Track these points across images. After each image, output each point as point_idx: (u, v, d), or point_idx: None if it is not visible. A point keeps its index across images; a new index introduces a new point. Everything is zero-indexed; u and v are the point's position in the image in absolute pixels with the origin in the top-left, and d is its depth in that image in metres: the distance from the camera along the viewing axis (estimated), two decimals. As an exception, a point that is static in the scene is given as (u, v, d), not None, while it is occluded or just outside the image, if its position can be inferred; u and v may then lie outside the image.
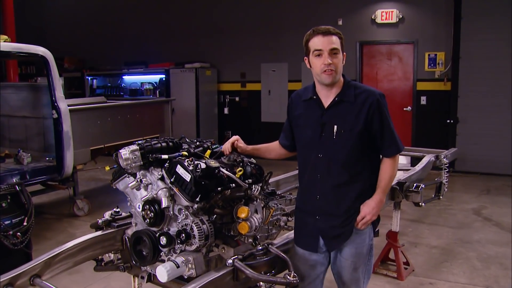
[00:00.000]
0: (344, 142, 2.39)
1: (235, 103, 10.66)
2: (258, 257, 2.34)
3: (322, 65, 2.33)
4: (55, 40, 12.04)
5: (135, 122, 7.00)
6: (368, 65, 9.27)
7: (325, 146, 2.43)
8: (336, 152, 2.41)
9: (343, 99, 2.41)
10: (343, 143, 2.39)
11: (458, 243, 5.08)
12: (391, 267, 4.36)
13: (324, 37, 2.33)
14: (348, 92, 2.42)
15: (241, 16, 10.29)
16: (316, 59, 2.36)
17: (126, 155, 2.38)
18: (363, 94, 2.40)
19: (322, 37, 2.33)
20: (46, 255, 2.53)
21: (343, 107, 2.41)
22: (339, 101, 2.42)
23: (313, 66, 2.39)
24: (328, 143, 2.42)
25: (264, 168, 2.58)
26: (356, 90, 2.42)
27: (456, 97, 8.33)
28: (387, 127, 2.41)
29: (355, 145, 2.39)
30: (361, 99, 2.39)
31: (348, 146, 2.39)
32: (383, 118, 2.40)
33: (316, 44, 2.34)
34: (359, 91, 2.42)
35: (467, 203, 6.62)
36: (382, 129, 2.40)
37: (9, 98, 6.28)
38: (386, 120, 2.41)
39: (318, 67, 2.35)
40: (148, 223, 2.37)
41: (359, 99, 2.39)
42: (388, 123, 2.42)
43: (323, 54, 2.32)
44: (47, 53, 5.41)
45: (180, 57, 10.56)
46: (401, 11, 8.73)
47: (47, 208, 6.62)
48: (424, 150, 5.43)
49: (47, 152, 5.87)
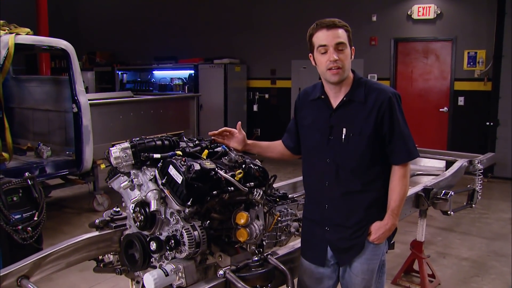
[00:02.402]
0: (354, 147, 2.16)
1: (264, 100, 10.49)
2: (253, 268, 2.13)
3: (327, 62, 2.11)
4: (87, 35, 12.26)
5: (158, 118, 6.93)
6: (403, 63, 8.88)
7: (333, 151, 2.21)
8: (345, 157, 2.19)
9: (352, 99, 2.18)
10: (353, 148, 2.17)
11: (492, 256, 4.71)
12: (415, 279, 4.07)
13: (328, 31, 2.10)
14: (358, 91, 2.19)
15: (272, 11, 10.10)
16: (320, 55, 2.13)
17: (116, 153, 2.23)
18: (374, 92, 2.16)
19: (326, 31, 2.10)
20: (35, 256, 2.43)
21: (353, 107, 2.18)
22: (348, 101, 2.19)
23: (318, 63, 2.17)
24: (337, 148, 2.20)
25: (271, 170, 2.38)
26: (367, 89, 2.18)
27: (497, 98, 7.83)
28: (398, 129, 2.16)
29: (365, 151, 2.16)
30: (372, 98, 2.15)
31: (358, 151, 2.16)
32: (394, 119, 2.14)
33: (320, 39, 2.12)
34: (370, 90, 2.18)
35: (504, 212, 6.17)
36: (391, 132, 2.15)
37: (33, 91, 6.32)
38: (397, 121, 2.15)
39: (323, 64, 2.13)
40: (139, 226, 2.22)
41: (370, 98, 2.16)
42: (399, 125, 2.16)
43: (328, 49, 2.10)
44: (69, 47, 5.36)
45: (210, 52, 10.49)
46: (439, 7, 8.30)
47: (68, 202, 6.64)
48: (458, 154, 5.09)
49: (68, 146, 5.85)
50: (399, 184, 2.20)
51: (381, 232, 2.20)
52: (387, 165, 2.24)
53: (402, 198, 2.21)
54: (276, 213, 2.43)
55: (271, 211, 2.42)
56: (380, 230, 2.20)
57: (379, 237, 2.20)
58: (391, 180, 2.22)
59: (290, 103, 10.03)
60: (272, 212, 2.42)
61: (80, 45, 5.66)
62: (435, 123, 8.39)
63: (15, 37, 4.92)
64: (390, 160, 2.22)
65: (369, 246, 2.23)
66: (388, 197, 2.22)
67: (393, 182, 2.21)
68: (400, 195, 2.20)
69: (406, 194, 2.25)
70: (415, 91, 8.57)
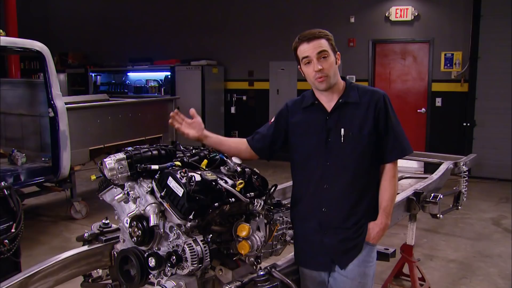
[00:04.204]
0: (353, 146, 2.22)
1: (242, 102, 10.40)
2: (259, 283, 2.04)
3: (313, 73, 2.19)
4: (59, 35, 11.89)
5: (137, 121, 6.76)
6: (381, 64, 8.95)
7: (332, 153, 2.24)
8: (345, 158, 2.23)
9: (347, 101, 2.25)
10: (352, 147, 2.22)
11: (478, 256, 4.75)
12: (405, 282, 4.05)
13: (309, 43, 2.19)
14: (352, 93, 2.27)
15: (250, 12, 10.02)
16: (306, 67, 2.23)
17: (111, 165, 2.10)
18: (367, 93, 2.27)
19: (307, 44, 2.19)
20: (21, 275, 2.26)
21: (349, 108, 2.25)
22: (343, 103, 2.25)
23: (306, 74, 2.26)
24: (336, 150, 2.23)
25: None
26: (360, 91, 2.28)
27: (474, 99, 7.99)
28: (392, 126, 2.25)
29: (365, 149, 2.22)
30: (367, 98, 2.25)
31: (358, 149, 2.22)
32: (388, 117, 2.24)
33: (302, 52, 2.21)
34: (363, 92, 2.28)
35: (485, 212, 6.27)
36: (386, 129, 2.24)
37: (5, 95, 6.04)
38: (391, 119, 2.25)
39: (311, 74, 2.21)
40: (136, 241, 2.09)
41: (364, 99, 2.25)
42: (393, 123, 2.26)
43: (311, 60, 2.19)
44: (44, 49, 5.13)
45: (186, 54, 10.31)
46: (416, 8, 8.40)
47: (43, 210, 6.38)
48: (440, 156, 5.12)
49: (43, 152, 5.62)
50: (390, 184, 2.27)
51: (376, 232, 2.25)
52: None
53: (393, 198, 2.30)
54: (276, 224, 2.35)
55: (271, 221, 2.33)
56: (375, 229, 2.25)
57: (374, 236, 2.25)
58: (383, 180, 2.28)
59: (268, 105, 9.99)
60: (274, 223, 2.33)
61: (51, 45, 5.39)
62: (414, 124, 8.49)
63: (-13, 39, 4.69)
64: (383, 158, 2.27)
65: (366, 248, 2.26)
66: (379, 196, 2.28)
67: (384, 182, 2.28)
68: (392, 194, 2.28)
69: (396, 194, 2.35)
70: (394, 92, 8.64)
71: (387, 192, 2.27)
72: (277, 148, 2.46)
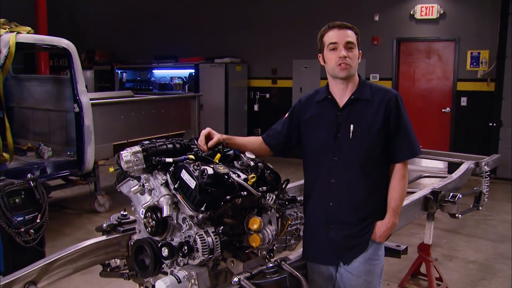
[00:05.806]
0: (361, 142, 2.23)
1: (265, 100, 10.43)
2: (268, 275, 2.08)
3: (337, 58, 2.21)
4: (86, 33, 12.15)
5: (160, 118, 6.86)
6: (405, 63, 8.84)
7: (340, 149, 2.26)
8: (352, 154, 2.25)
9: (359, 97, 2.27)
10: (360, 144, 2.23)
11: (499, 258, 4.67)
12: (422, 282, 4.03)
13: (339, 30, 2.23)
14: (364, 90, 2.29)
15: (274, 10, 10.04)
16: (331, 53, 2.24)
17: (127, 157, 2.17)
18: (380, 91, 2.28)
19: (337, 30, 2.24)
20: (43, 261, 2.36)
21: (360, 105, 2.27)
22: (355, 100, 2.28)
23: (328, 61, 2.28)
24: (344, 145, 2.26)
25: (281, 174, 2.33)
26: (373, 89, 2.30)
27: (500, 98, 7.81)
28: (403, 126, 2.25)
29: (372, 146, 2.23)
30: (379, 97, 2.26)
31: (365, 147, 2.23)
32: (400, 116, 2.25)
33: (331, 37, 2.24)
34: (375, 90, 2.30)
35: (509, 214, 6.13)
36: (397, 128, 2.24)
37: (33, 91, 6.24)
38: (403, 119, 2.25)
39: (333, 60, 2.23)
40: (150, 231, 2.16)
41: (377, 97, 2.26)
42: (405, 123, 2.26)
43: (338, 47, 2.21)
44: (70, 46, 5.29)
45: (211, 51, 10.41)
46: (442, 6, 8.26)
47: (68, 202, 6.57)
48: (463, 156, 5.03)
49: (68, 146, 5.78)
50: (400, 184, 2.27)
51: (383, 231, 2.26)
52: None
53: (402, 197, 2.30)
54: (288, 218, 2.38)
55: (283, 215, 2.37)
56: (382, 228, 2.26)
57: (381, 235, 2.25)
58: (392, 179, 2.29)
59: (291, 103, 9.96)
60: (286, 217, 2.37)
61: (79, 43, 5.57)
62: (438, 123, 8.35)
63: (16, 36, 4.85)
64: (393, 158, 2.27)
65: (372, 246, 2.27)
66: (388, 195, 2.28)
67: (394, 181, 2.28)
68: (401, 194, 2.28)
69: (405, 193, 2.34)
70: (418, 91, 8.53)
71: (396, 191, 2.27)
72: (293, 144, 2.48)
